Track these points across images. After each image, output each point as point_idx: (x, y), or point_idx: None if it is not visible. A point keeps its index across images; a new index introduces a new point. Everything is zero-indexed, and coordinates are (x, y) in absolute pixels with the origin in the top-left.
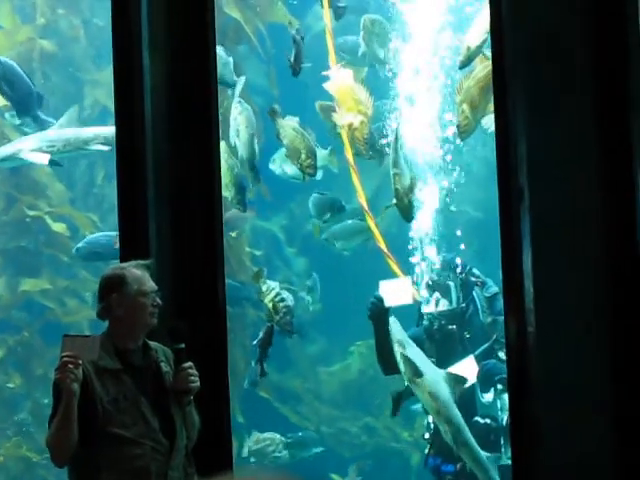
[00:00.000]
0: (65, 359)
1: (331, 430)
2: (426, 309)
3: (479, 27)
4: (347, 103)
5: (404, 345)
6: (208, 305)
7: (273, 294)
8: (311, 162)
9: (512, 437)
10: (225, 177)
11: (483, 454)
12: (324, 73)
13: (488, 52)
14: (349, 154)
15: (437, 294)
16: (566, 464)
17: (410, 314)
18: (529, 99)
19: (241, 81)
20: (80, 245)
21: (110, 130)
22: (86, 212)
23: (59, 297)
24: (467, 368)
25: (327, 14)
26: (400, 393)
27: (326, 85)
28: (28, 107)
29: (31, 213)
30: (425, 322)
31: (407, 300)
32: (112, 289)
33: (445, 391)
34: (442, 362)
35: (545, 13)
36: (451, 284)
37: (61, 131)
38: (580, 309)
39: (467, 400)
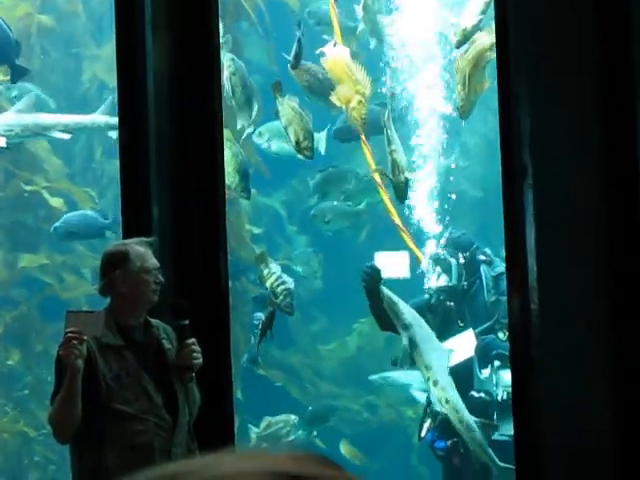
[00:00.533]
0: (69, 335)
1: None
2: (427, 284)
3: (474, 6)
4: (344, 82)
5: (405, 323)
6: (210, 284)
7: (274, 278)
8: (308, 144)
9: (514, 415)
10: (229, 165)
11: (477, 427)
12: (320, 50)
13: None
14: (361, 128)
15: (438, 269)
16: (568, 442)
17: (414, 287)
18: (531, 77)
19: (228, 40)
20: (57, 224)
21: (71, 118)
22: (84, 187)
23: (57, 272)
24: (465, 341)
25: None
26: (398, 359)
27: (323, 62)
28: (6, 55)
29: (28, 188)
30: (426, 296)
31: (405, 273)
32: (115, 265)
33: (442, 363)
34: (440, 337)
35: None
36: (452, 261)
37: (20, 116)
38: (583, 287)
39: (464, 374)
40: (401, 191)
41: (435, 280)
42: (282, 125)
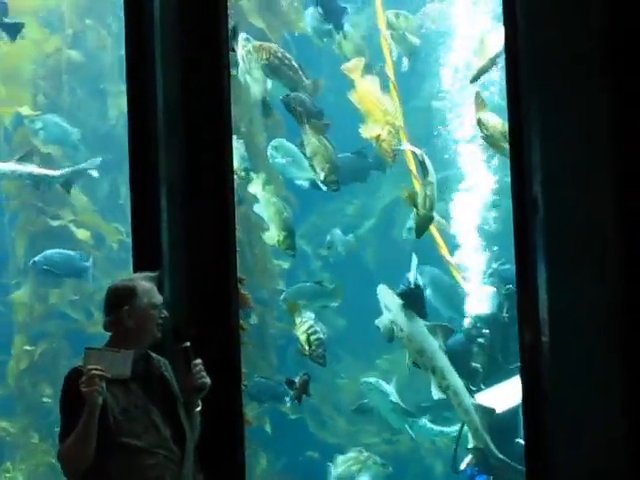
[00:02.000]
0: (93, 372)
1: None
2: (469, 310)
3: (488, 45)
4: (373, 114)
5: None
6: (221, 319)
7: (306, 326)
8: (334, 177)
9: (526, 449)
10: (273, 220)
11: (471, 403)
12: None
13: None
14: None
15: (482, 297)
16: (579, 473)
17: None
18: (543, 109)
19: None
20: (37, 259)
21: (29, 168)
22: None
23: (86, 307)
24: (513, 388)
25: (381, 17)
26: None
27: (350, 96)
28: None
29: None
30: (465, 324)
31: None
32: (123, 302)
33: (432, 343)
34: (487, 374)
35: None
36: (493, 289)
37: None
38: (594, 320)
39: (511, 421)
40: (424, 226)
41: (476, 308)
42: (306, 155)
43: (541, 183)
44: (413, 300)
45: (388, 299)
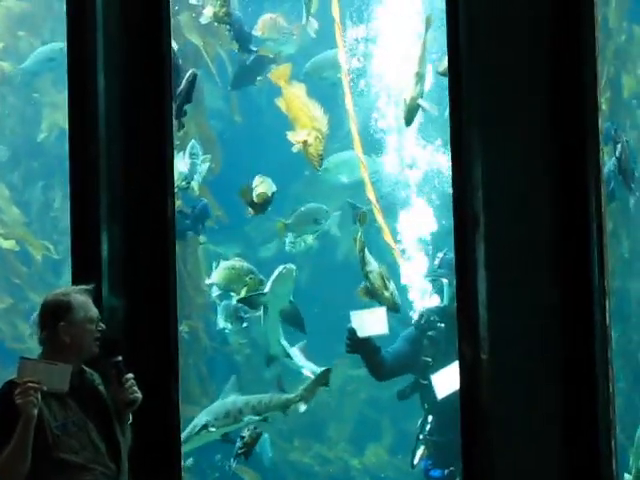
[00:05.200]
0: (29, 384)
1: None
2: (419, 304)
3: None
4: (301, 120)
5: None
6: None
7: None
8: None
9: (464, 464)
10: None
11: None
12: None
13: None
14: (359, 148)
15: (430, 290)
16: None
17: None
18: (483, 129)
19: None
20: None
21: None
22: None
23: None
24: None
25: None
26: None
27: (278, 101)
28: None
29: None
30: (415, 316)
31: (382, 330)
32: (58, 316)
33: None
34: (436, 359)
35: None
36: (445, 282)
37: None
38: (534, 338)
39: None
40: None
41: (427, 300)
42: None
43: (482, 200)
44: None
45: None
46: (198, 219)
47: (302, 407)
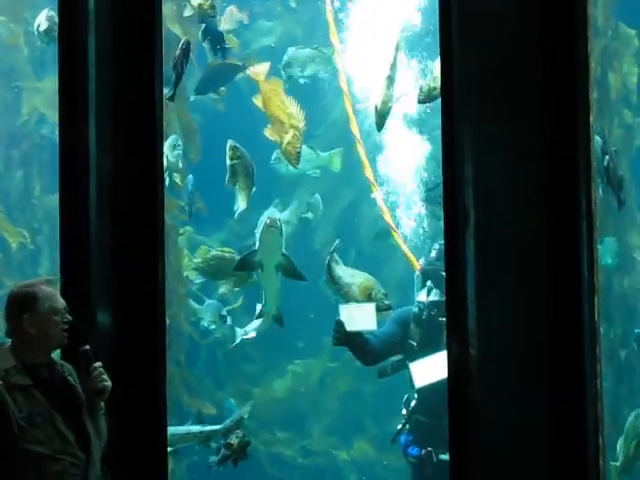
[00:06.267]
0: None
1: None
2: (418, 297)
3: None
4: (279, 117)
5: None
6: (148, 317)
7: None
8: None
9: (451, 465)
10: None
11: None
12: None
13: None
14: (355, 129)
15: (429, 283)
16: None
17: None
18: (474, 124)
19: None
20: None
21: None
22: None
23: None
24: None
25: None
26: None
27: (255, 99)
28: None
29: None
30: (415, 309)
31: (371, 325)
32: (23, 308)
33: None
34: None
35: (493, 41)
36: (444, 275)
37: None
38: (522, 335)
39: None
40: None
41: (426, 295)
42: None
43: (472, 196)
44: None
45: None
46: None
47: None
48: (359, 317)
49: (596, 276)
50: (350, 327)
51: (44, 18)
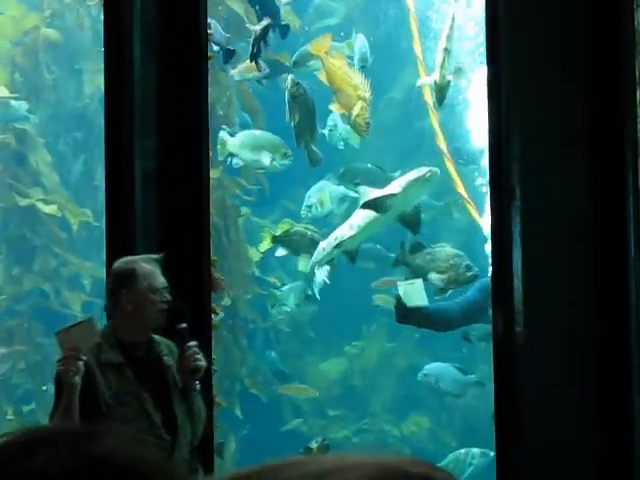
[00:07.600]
0: (69, 353)
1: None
2: None
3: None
4: (345, 90)
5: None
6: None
7: None
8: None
9: (497, 433)
10: None
11: None
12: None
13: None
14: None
15: None
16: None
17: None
18: (521, 99)
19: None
20: None
21: None
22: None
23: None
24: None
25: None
26: None
27: (320, 75)
28: None
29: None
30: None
31: (421, 301)
32: (122, 284)
33: None
34: None
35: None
36: None
37: None
38: (569, 311)
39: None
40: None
41: None
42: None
43: (518, 171)
44: None
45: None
46: None
47: None
48: (409, 293)
49: None
50: (409, 303)
51: None
